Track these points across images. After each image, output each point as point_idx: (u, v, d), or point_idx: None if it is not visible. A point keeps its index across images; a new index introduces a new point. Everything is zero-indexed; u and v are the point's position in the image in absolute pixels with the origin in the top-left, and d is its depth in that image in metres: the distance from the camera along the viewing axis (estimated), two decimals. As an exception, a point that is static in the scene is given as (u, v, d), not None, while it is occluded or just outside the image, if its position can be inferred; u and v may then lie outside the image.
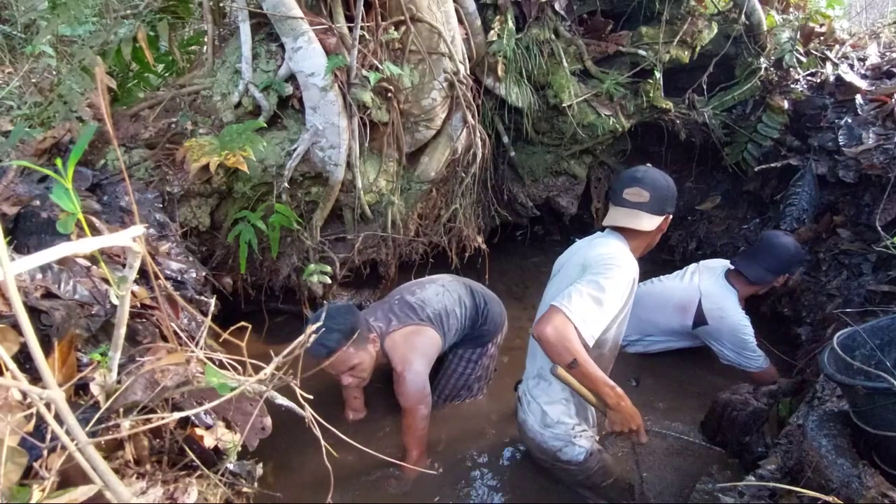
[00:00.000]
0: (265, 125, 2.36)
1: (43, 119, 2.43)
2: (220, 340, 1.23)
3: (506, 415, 2.41)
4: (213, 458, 1.39)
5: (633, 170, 1.88)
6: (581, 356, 1.57)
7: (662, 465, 1.95)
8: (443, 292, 2.35)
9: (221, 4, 2.68)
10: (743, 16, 3.23)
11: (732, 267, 2.60)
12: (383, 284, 3.15)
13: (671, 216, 1.85)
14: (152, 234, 2.01)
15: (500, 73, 3.03)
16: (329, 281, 2.56)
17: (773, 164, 3.16)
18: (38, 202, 1.79)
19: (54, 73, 2.96)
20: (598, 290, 1.62)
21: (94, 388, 1.20)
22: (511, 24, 3.00)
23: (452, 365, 2.44)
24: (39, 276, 1.45)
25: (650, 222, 1.79)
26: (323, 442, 1.21)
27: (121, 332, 1.08)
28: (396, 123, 2.62)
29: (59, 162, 0.94)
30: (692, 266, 2.74)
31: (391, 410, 2.42)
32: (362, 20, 2.35)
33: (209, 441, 1.37)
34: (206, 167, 2.13)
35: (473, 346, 2.41)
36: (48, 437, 1.00)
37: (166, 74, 2.99)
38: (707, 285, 2.57)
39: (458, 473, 2.16)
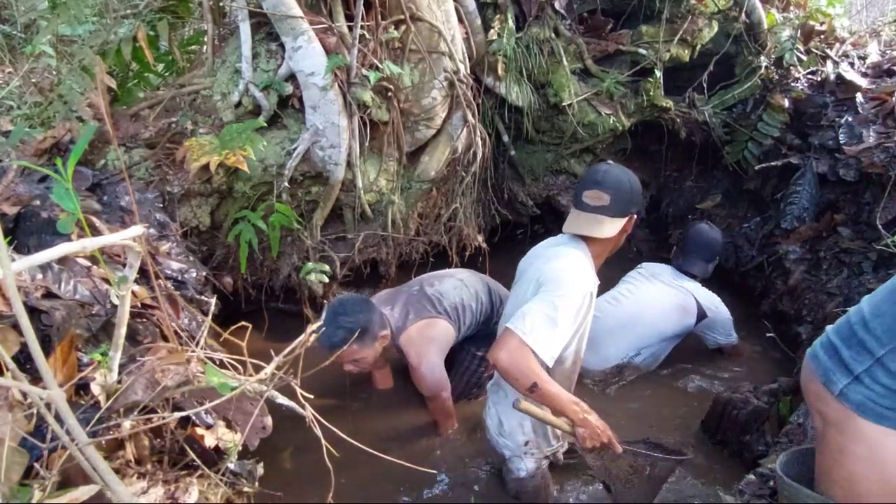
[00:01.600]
0: (265, 124, 2.36)
1: (43, 119, 2.43)
2: (221, 340, 1.23)
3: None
4: (214, 457, 1.39)
5: (593, 170, 1.80)
6: (541, 378, 1.52)
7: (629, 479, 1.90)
8: (461, 286, 2.38)
9: (221, 4, 2.68)
10: (743, 14, 3.22)
11: (678, 269, 2.73)
12: (383, 283, 3.15)
13: (636, 215, 1.77)
14: (152, 233, 2.01)
15: (500, 72, 3.03)
16: (327, 280, 2.56)
17: (773, 163, 3.15)
18: (38, 202, 1.79)
19: (54, 72, 2.96)
20: (552, 310, 1.56)
21: (95, 388, 1.20)
22: (511, 22, 2.99)
23: (465, 363, 2.45)
24: (40, 275, 1.45)
25: (612, 227, 1.71)
26: (324, 441, 1.21)
27: (121, 331, 1.09)
28: (396, 123, 2.62)
29: (59, 162, 0.94)
30: (641, 272, 2.78)
31: (393, 411, 2.43)
32: (362, 19, 2.35)
33: (210, 441, 1.37)
34: (206, 167, 2.13)
35: (487, 345, 2.41)
36: (49, 436, 1.00)
37: (166, 74, 2.99)
38: (691, 285, 2.67)
39: (458, 473, 2.16)
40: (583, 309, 1.66)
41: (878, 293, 1.00)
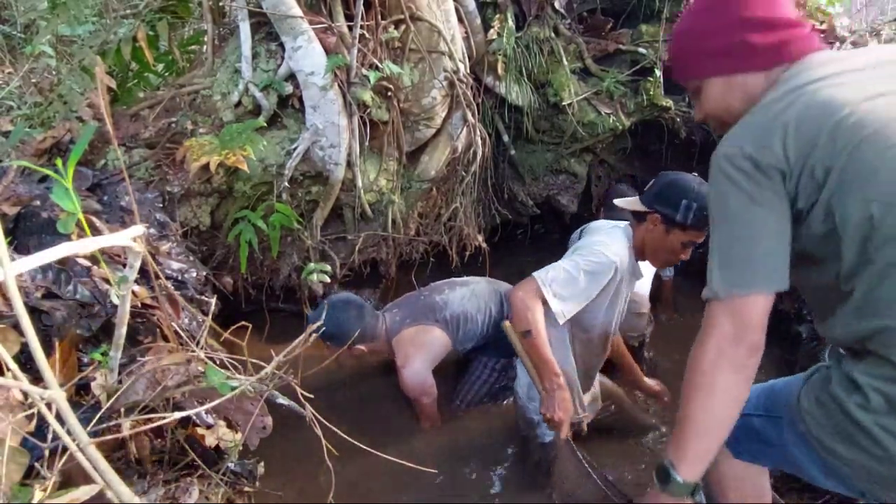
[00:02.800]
0: (265, 124, 2.36)
1: (43, 119, 2.43)
2: (221, 340, 1.23)
3: (511, 419, 2.41)
4: (215, 457, 1.39)
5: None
6: (537, 328, 1.60)
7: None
8: (469, 296, 2.41)
9: (221, 4, 2.67)
10: (743, 13, 3.22)
11: None
12: (383, 283, 3.15)
13: (659, 217, 1.75)
14: (153, 233, 2.01)
15: (500, 71, 3.03)
16: (329, 280, 2.56)
17: (773, 162, 3.15)
18: (38, 202, 1.79)
19: (54, 73, 2.96)
20: (575, 269, 1.66)
21: (96, 388, 1.21)
22: (511, 22, 2.99)
23: (476, 372, 2.45)
24: (40, 276, 1.45)
25: (635, 205, 1.81)
26: (324, 441, 1.21)
27: (121, 331, 1.09)
28: (396, 122, 2.62)
29: (59, 162, 0.94)
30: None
31: (393, 410, 2.43)
32: (362, 19, 2.35)
33: (210, 440, 1.37)
34: (206, 166, 2.13)
35: (498, 356, 2.41)
36: (49, 436, 1.00)
37: (166, 74, 2.99)
38: None
39: (458, 473, 2.16)
40: (607, 278, 1.72)
41: None
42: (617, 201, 1.95)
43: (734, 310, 1.01)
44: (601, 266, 1.69)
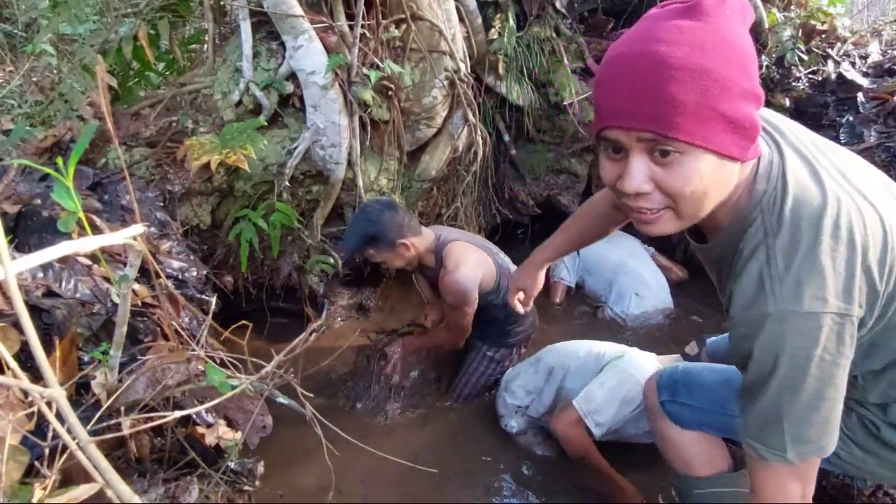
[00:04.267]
0: (266, 123, 2.36)
1: (44, 118, 2.43)
2: (221, 339, 1.23)
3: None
4: (215, 456, 1.39)
5: None
6: (589, 455, 1.92)
7: None
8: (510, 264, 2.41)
9: (222, 3, 2.67)
10: (744, 13, 3.22)
11: None
12: (384, 283, 3.15)
13: None
14: (153, 232, 2.01)
15: (500, 71, 3.03)
16: (332, 270, 2.58)
17: (774, 163, 3.15)
18: (39, 201, 1.79)
19: (55, 71, 2.96)
20: (612, 397, 1.95)
21: (96, 387, 1.20)
22: (512, 22, 2.99)
23: (475, 363, 2.44)
24: (41, 274, 1.45)
25: None
26: (324, 441, 1.21)
27: (122, 330, 1.09)
28: (397, 122, 2.62)
29: (59, 161, 0.94)
30: None
31: (396, 409, 2.43)
32: (363, 18, 2.35)
33: (210, 439, 1.37)
34: (206, 165, 2.13)
35: (498, 346, 2.41)
36: (49, 435, 1.00)
37: (167, 73, 3.00)
38: None
39: (459, 474, 2.16)
40: (640, 399, 1.94)
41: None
42: None
43: (806, 474, 0.95)
44: (637, 394, 1.87)
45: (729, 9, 0.80)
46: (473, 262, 2.18)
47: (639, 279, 3.05)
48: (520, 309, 1.71)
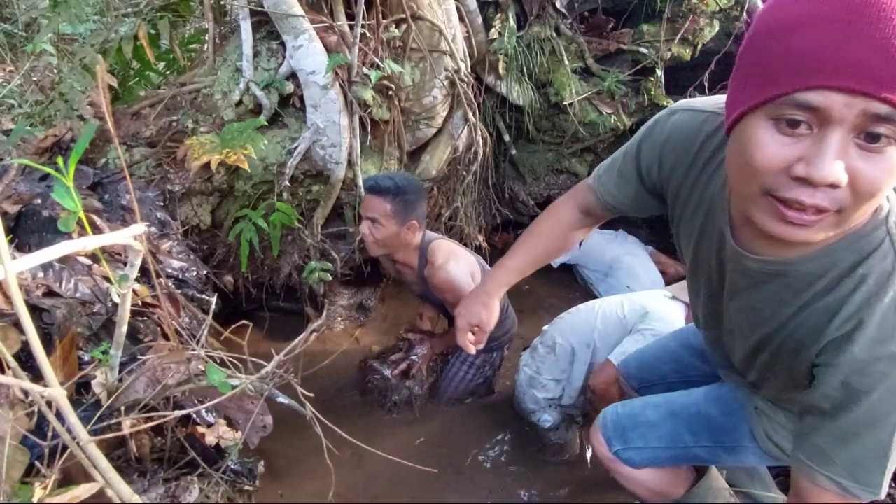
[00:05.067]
0: (266, 123, 2.36)
1: (44, 117, 2.43)
2: (222, 339, 1.23)
3: (510, 415, 2.41)
4: (215, 456, 1.39)
5: None
6: None
7: None
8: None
9: (222, 3, 2.67)
10: (745, 13, 3.22)
11: None
12: (384, 283, 3.15)
13: None
14: (153, 232, 2.01)
15: (501, 71, 3.03)
16: (330, 279, 2.56)
17: (774, 163, 3.15)
18: (39, 200, 1.79)
19: (55, 71, 2.96)
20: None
21: (96, 387, 1.21)
22: (512, 21, 2.99)
23: (454, 369, 2.43)
24: (41, 274, 1.45)
25: None
26: (324, 440, 1.21)
27: (122, 330, 1.09)
28: (397, 121, 2.62)
29: (60, 160, 0.94)
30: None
31: (394, 409, 2.43)
32: (363, 18, 2.35)
33: (210, 439, 1.37)
34: (206, 165, 2.13)
35: (480, 351, 2.40)
36: (50, 435, 1.00)
37: (167, 73, 2.99)
38: None
39: (458, 474, 2.16)
40: None
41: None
42: None
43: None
44: None
45: None
46: (461, 255, 2.19)
47: (631, 274, 3.11)
48: (471, 350, 1.47)
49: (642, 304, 2.09)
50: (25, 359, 1.20)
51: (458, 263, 2.11)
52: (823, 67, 0.61)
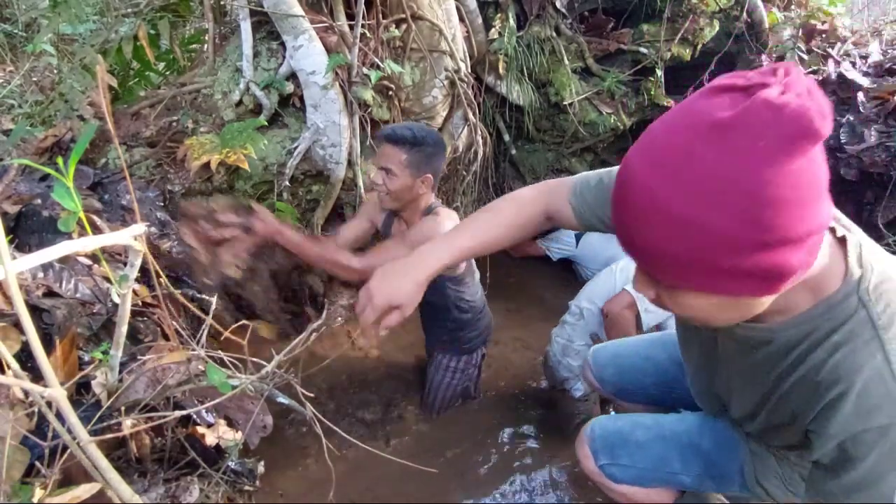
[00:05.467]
0: (266, 123, 2.36)
1: (44, 117, 2.43)
2: (222, 339, 1.23)
3: (511, 414, 2.41)
4: (215, 456, 1.39)
5: None
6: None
7: None
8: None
9: (222, 3, 2.67)
10: (745, 13, 3.22)
11: None
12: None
13: None
14: (153, 232, 2.01)
15: (501, 71, 3.03)
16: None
17: (774, 162, 3.15)
18: (39, 201, 1.79)
19: (55, 71, 2.96)
20: None
21: (96, 387, 1.21)
22: (512, 21, 2.99)
23: (438, 377, 2.38)
24: (41, 274, 1.45)
25: None
26: (324, 440, 1.21)
27: (122, 330, 1.09)
28: (398, 121, 2.62)
29: (60, 160, 0.94)
30: None
31: (394, 409, 2.42)
32: (363, 18, 2.35)
33: (210, 439, 1.37)
34: (206, 165, 2.13)
35: (459, 355, 2.36)
36: (50, 435, 1.00)
37: (167, 73, 3.00)
38: None
39: (459, 473, 2.16)
40: None
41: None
42: None
43: None
44: None
45: (773, 134, 0.64)
46: (455, 219, 2.03)
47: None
48: (370, 341, 1.34)
49: None
50: (26, 359, 1.20)
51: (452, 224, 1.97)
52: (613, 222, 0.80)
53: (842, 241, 0.85)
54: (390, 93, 2.53)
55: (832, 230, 0.86)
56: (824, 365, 0.84)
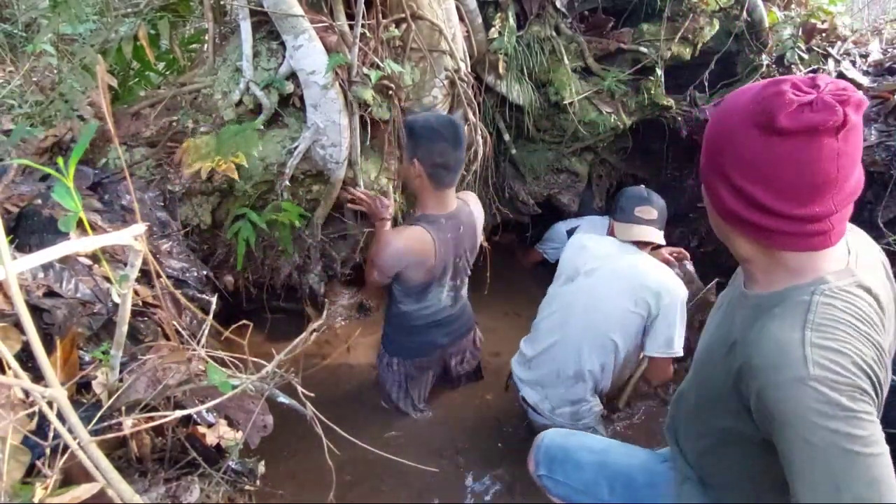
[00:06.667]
0: (262, 126, 2.36)
1: (44, 118, 2.43)
2: (222, 339, 1.23)
3: (511, 414, 2.41)
4: (215, 456, 1.39)
5: (637, 189, 2.33)
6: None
7: None
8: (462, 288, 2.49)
9: (222, 3, 2.67)
10: (745, 12, 3.22)
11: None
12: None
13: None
14: (154, 232, 2.01)
15: (500, 70, 3.02)
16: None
17: (774, 162, 3.14)
18: (39, 201, 1.79)
19: (55, 71, 2.96)
20: (682, 326, 2.06)
21: (97, 387, 1.21)
22: (512, 21, 2.99)
23: (382, 375, 2.45)
24: (41, 274, 1.45)
25: (660, 237, 2.22)
26: (325, 440, 1.21)
27: (122, 330, 1.09)
28: (397, 121, 2.61)
29: (60, 161, 0.94)
30: None
31: (394, 409, 2.43)
32: (363, 18, 2.35)
33: (211, 439, 1.37)
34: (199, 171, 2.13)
35: (383, 347, 2.43)
36: (51, 435, 1.01)
37: (167, 73, 3.00)
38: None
39: (459, 473, 2.16)
40: None
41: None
42: (639, 213, 2.22)
43: None
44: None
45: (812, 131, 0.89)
46: (416, 238, 2.19)
47: None
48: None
49: (657, 285, 2.08)
50: (26, 359, 1.20)
51: (403, 241, 2.17)
52: None
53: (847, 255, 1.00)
54: (390, 92, 2.53)
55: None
56: (753, 329, 0.98)
